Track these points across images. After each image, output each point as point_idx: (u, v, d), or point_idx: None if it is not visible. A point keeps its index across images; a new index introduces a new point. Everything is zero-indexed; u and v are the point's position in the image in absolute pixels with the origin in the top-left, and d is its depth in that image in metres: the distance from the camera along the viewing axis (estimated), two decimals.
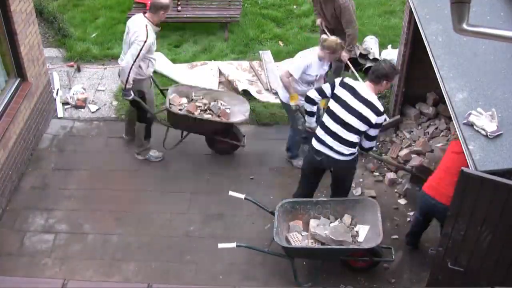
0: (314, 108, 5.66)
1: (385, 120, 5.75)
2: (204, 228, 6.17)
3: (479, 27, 3.09)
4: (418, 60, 6.62)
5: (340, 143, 5.30)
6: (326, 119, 5.36)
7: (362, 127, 5.23)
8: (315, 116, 5.78)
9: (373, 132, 5.33)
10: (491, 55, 5.21)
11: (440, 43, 5.38)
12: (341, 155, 5.35)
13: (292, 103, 6.32)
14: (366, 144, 5.43)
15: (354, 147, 5.36)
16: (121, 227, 6.18)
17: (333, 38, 6.13)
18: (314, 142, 5.48)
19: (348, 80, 5.37)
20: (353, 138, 5.27)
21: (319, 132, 5.43)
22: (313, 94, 5.50)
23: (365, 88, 5.27)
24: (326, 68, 6.39)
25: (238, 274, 5.59)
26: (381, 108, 5.25)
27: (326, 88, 5.42)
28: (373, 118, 5.19)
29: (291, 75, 6.22)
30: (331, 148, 5.35)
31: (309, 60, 6.20)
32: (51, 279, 2.05)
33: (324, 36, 6.28)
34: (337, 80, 5.40)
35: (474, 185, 4.13)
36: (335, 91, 5.33)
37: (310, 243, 5.33)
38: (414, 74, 6.94)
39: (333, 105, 5.32)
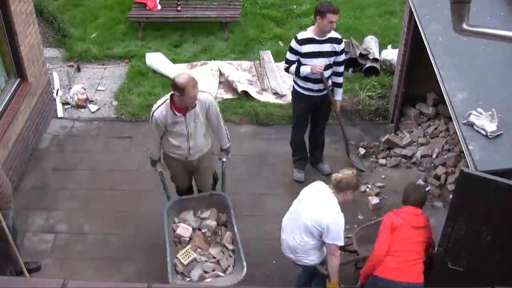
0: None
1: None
2: None
3: (479, 27, 3.08)
4: (418, 60, 6.62)
5: None
6: None
7: None
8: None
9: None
10: (491, 55, 5.21)
11: (440, 43, 5.38)
12: None
13: None
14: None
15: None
16: (121, 227, 6.17)
17: (347, 173, 4.69)
18: None
19: None
20: None
21: None
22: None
23: None
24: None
25: None
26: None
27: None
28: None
29: None
30: None
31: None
32: (51, 279, 2.04)
33: (335, 175, 4.74)
34: None
35: (474, 185, 4.13)
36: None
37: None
38: (414, 74, 6.94)
39: None
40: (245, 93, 7.91)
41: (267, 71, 8.38)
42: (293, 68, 6.03)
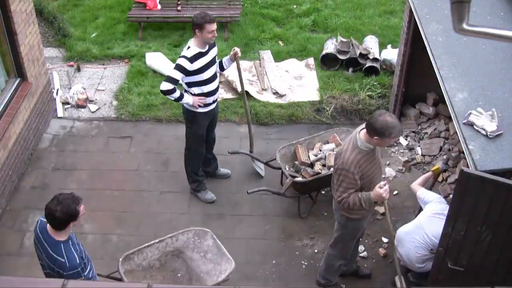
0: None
1: None
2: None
3: (479, 27, 3.08)
4: (418, 60, 6.62)
5: None
6: None
7: None
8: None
9: None
10: (491, 55, 5.22)
11: (440, 43, 5.38)
12: None
13: None
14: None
15: None
16: (121, 227, 6.18)
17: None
18: None
19: None
20: None
21: None
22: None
23: None
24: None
25: (238, 274, 5.59)
26: None
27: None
28: None
29: None
30: None
31: None
32: (51, 279, 2.04)
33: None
34: None
35: (474, 185, 4.13)
36: None
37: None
38: (414, 74, 6.94)
39: None
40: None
41: (267, 71, 8.38)
42: (177, 93, 5.66)
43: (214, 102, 5.99)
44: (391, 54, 8.16)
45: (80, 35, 9.18)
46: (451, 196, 5.35)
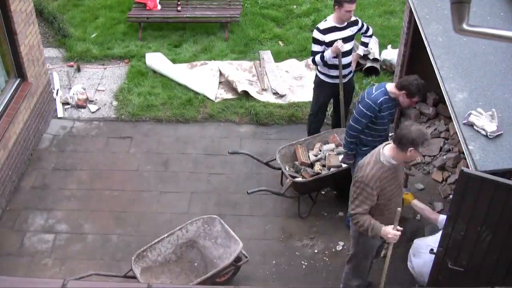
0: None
1: None
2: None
3: (479, 27, 3.08)
4: (418, 60, 6.61)
5: None
6: None
7: None
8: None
9: None
10: (491, 55, 5.21)
11: (440, 43, 5.38)
12: None
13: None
14: None
15: None
16: (121, 227, 6.18)
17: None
18: None
19: None
20: None
21: None
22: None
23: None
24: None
25: (238, 274, 5.58)
26: None
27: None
28: None
29: None
30: None
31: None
32: (51, 279, 2.05)
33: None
34: None
35: (474, 185, 4.12)
36: None
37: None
38: (414, 74, 6.92)
39: None
40: (245, 93, 7.91)
41: (267, 71, 8.38)
42: (318, 57, 6.25)
43: (344, 76, 6.40)
44: (391, 55, 8.16)
45: (80, 35, 9.18)
46: (451, 196, 5.35)
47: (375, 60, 8.19)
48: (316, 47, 6.26)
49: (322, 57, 6.23)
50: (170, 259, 5.36)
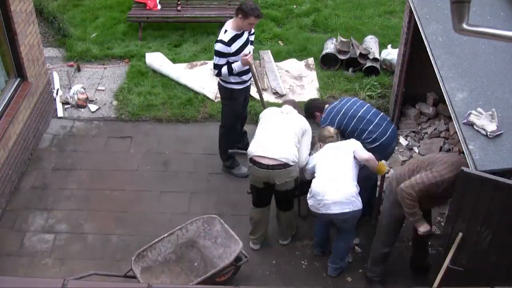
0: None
1: None
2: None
3: (479, 27, 3.09)
4: (418, 60, 6.62)
5: None
6: None
7: None
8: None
9: None
10: (491, 55, 5.21)
11: (440, 43, 5.38)
12: None
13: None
14: None
15: None
16: (121, 227, 6.18)
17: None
18: None
19: None
20: None
21: None
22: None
23: None
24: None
25: (238, 274, 5.58)
26: None
27: None
28: None
29: None
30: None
31: None
32: (51, 279, 2.05)
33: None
34: None
35: (474, 185, 4.13)
36: None
37: None
38: (414, 74, 6.94)
39: None
40: None
41: (267, 71, 8.38)
42: (225, 69, 6.01)
43: (249, 80, 6.35)
44: (391, 54, 8.16)
45: (80, 35, 9.18)
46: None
47: (375, 59, 8.19)
48: (221, 61, 5.98)
49: (230, 69, 6.02)
50: (170, 259, 5.37)
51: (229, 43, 5.94)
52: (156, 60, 8.42)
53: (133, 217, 6.28)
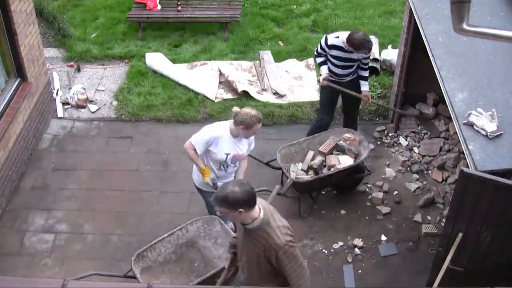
0: None
1: None
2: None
3: (479, 27, 3.09)
4: (418, 60, 6.62)
5: None
6: None
7: None
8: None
9: None
10: (491, 55, 5.21)
11: (440, 43, 5.38)
12: None
13: (206, 179, 5.26)
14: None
15: None
16: (121, 227, 6.18)
17: (247, 110, 5.09)
18: None
19: None
20: None
21: None
22: None
23: None
24: (244, 147, 5.30)
25: (238, 274, 5.58)
26: None
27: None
28: None
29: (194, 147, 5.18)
30: None
31: (216, 134, 5.12)
32: (51, 279, 2.05)
33: (235, 108, 5.18)
34: None
35: (474, 185, 4.13)
36: None
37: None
38: (414, 74, 6.94)
39: None
40: (245, 93, 7.91)
41: (267, 71, 8.38)
42: (318, 60, 6.48)
43: (344, 76, 6.47)
44: (391, 54, 8.16)
45: (80, 35, 9.18)
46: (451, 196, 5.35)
47: (375, 60, 8.19)
48: (320, 50, 6.42)
49: (320, 64, 6.49)
50: (170, 259, 5.36)
51: (329, 47, 6.37)
52: (156, 60, 8.43)
53: (133, 217, 6.28)
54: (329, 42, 6.28)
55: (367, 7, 9.89)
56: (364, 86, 6.57)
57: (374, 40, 8.59)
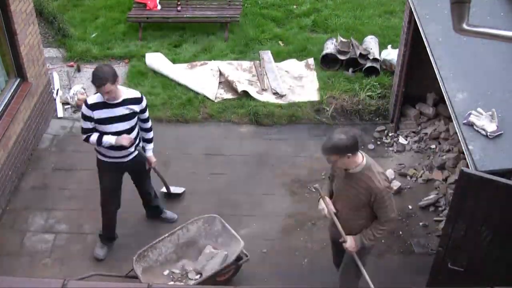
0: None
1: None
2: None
3: (479, 27, 3.09)
4: (418, 60, 6.62)
5: None
6: None
7: None
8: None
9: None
10: (491, 55, 5.22)
11: (440, 43, 5.38)
12: None
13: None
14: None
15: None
16: (121, 227, 6.17)
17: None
18: None
19: None
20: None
21: None
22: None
23: None
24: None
25: (238, 274, 5.58)
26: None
27: None
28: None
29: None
30: None
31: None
32: (51, 279, 2.05)
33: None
34: None
35: (474, 185, 4.13)
36: None
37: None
38: (414, 74, 6.94)
39: None
40: (245, 93, 7.92)
41: (267, 71, 8.38)
42: (94, 137, 5.26)
43: (126, 156, 5.47)
44: (391, 54, 8.16)
45: (80, 35, 9.18)
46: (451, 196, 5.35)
47: (375, 60, 8.19)
48: (86, 124, 5.31)
49: (99, 141, 5.29)
50: (171, 259, 5.37)
51: (91, 107, 5.26)
52: (156, 60, 8.42)
53: (133, 217, 6.28)
54: (89, 102, 5.25)
55: (367, 7, 9.89)
56: (149, 152, 5.76)
57: (374, 40, 8.60)
